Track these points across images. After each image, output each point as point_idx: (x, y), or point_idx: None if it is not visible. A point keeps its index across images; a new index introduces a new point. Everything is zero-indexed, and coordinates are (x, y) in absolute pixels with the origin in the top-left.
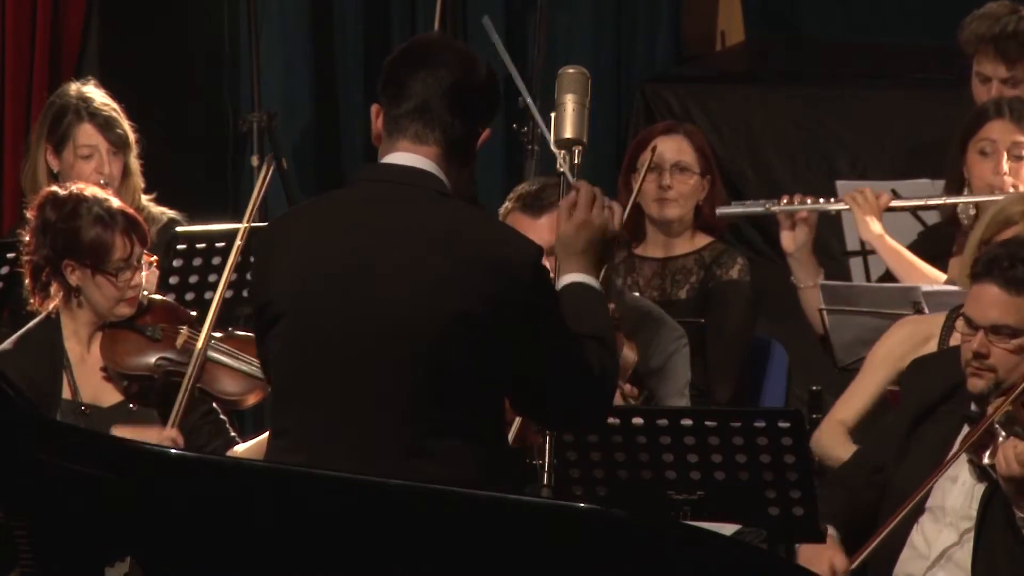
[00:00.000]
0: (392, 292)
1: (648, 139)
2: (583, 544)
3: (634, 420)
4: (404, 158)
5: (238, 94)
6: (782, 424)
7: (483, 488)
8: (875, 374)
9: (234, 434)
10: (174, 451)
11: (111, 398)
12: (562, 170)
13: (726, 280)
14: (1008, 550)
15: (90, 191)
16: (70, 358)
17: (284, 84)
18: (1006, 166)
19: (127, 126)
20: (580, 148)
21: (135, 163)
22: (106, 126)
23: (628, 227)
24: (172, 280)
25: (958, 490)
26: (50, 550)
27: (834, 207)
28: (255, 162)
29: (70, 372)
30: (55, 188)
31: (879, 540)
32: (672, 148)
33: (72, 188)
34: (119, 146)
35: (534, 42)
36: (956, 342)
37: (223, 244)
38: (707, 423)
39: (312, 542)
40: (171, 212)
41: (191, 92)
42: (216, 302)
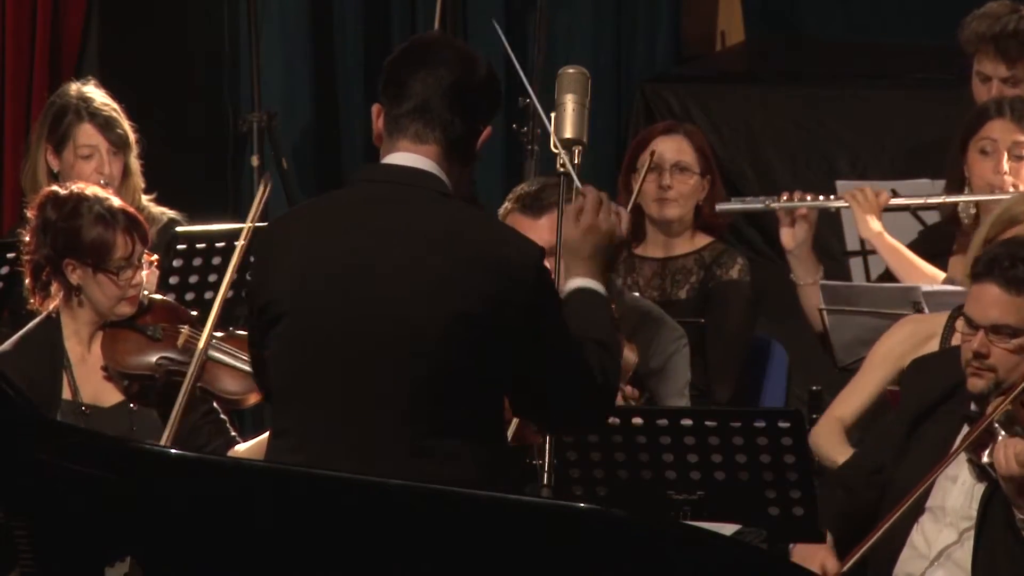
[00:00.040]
0: (392, 292)
1: (648, 139)
2: (583, 544)
3: (634, 420)
4: (404, 158)
5: (238, 94)
6: (782, 424)
7: (483, 488)
8: (875, 372)
9: (234, 434)
10: (174, 451)
11: (111, 398)
12: (562, 170)
13: (726, 280)
14: (1008, 550)
15: (91, 190)
16: (70, 358)
17: (284, 84)
18: (1006, 165)
19: (127, 126)
20: (580, 148)
21: (135, 163)
22: (106, 126)
23: (628, 227)
24: (172, 280)
25: (958, 490)
26: (50, 550)
27: (834, 204)
28: (255, 162)
29: (70, 372)
30: (55, 188)
31: (874, 540)
32: (672, 148)
33: (73, 188)
34: (119, 146)
35: (534, 42)
36: (958, 342)
37: (223, 244)
38: (707, 423)
39: (312, 542)
40: (171, 212)
41: (191, 92)
42: (219, 300)
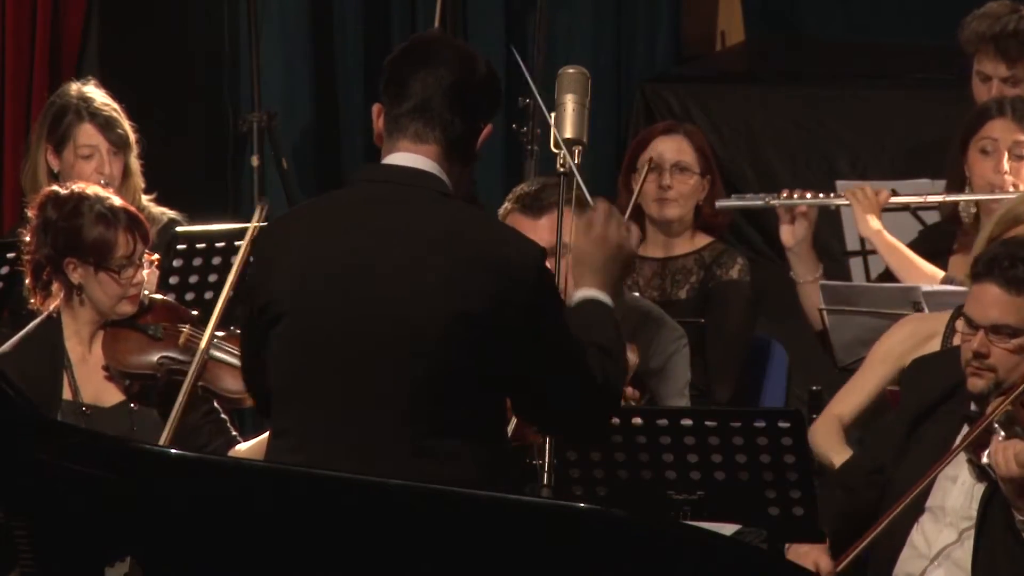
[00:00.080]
0: (393, 292)
1: (648, 139)
2: (583, 544)
3: (634, 420)
4: (405, 158)
5: (238, 94)
6: (782, 424)
7: (483, 488)
8: (875, 371)
9: (235, 433)
10: (174, 451)
11: (112, 398)
12: (562, 170)
13: (726, 280)
14: (1008, 550)
15: (91, 190)
16: (71, 358)
17: (284, 84)
18: (1007, 165)
19: (127, 126)
20: (580, 148)
21: (135, 163)
22: (107, 126)
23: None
24: (172, 280)
25: (958, 490)
26: (50, 550)
27: (834, 202)
28: (255, 162)
29: (71, 372)
30: (56, 187)
31: (869, 539)
32: (672, 148)
33: (73, 187)
34: (119, 146)
35: (534, 42)
36: (959, 342)
37: (223, 244)
38: (707, 423)
39: (312, 542)
40: (171, 212)
41: (191, 92)
42: (223, 299)
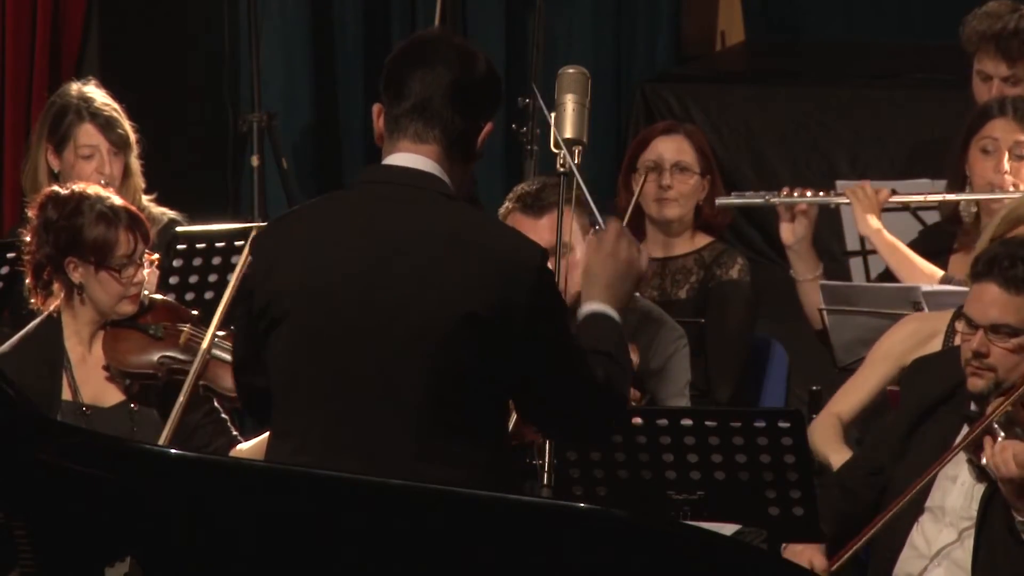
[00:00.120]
0: (398, 294)
1: (648, 139)
2: (583, 544)
3: (634, 420)
4: (405, 159)
5: (238, 94)
6: (782, 424)
7: (484, 489)
8: (875, 370)
9: (236, 433)
10: (174, 451)
11: (112, 398)
12: (562, 170)
13: (726, 280)
14: (1008, 550)
15: (92, 189)
16: (71, 358)
17: (284, 84)
18: (1007, 165)
19: (128, 126)
20: (580, 148)
21: (136, 163)
22: (107, 126)
23: (628, 227)
24: (172, 280)
25: (958, 490)
26: (50, 550)
27: (834, 200)
28: (255, 162)
29: (70, 372)
30: (56, 188)
31: (866, 539)
32: (672, 148)
33: (73, 187)
34: (120, 146)
35: (534, 42)
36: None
37: (223, 244)
38: (707, 423)
39: (313, 542)
40: (171, 212)
41: (191, 92)
42: (226, 299)
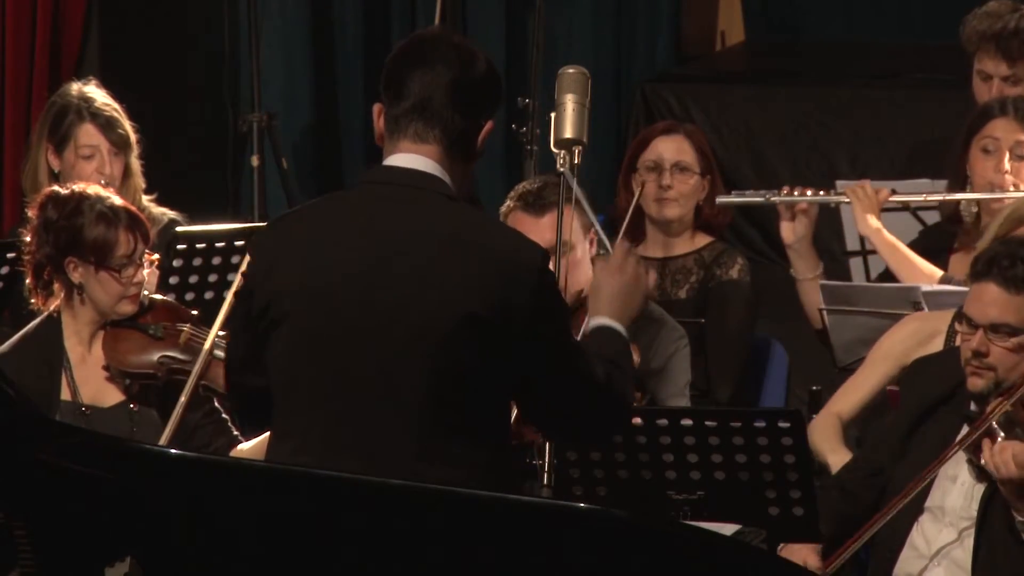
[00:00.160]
0: (400, 294)
1: (648, 139)
2: (583, 544)
3: (634, 420)
4: (406, 159)
5: (238, 94)
6: (782, 424)
7: (486, 490)
8: (876, 369)
9: (236, 433)
10: (174, 451)
11: (111, 398)
12: (562, 170)
13: (726, 280)
14: (1008, 550)
15: (92, 189)
16: (70, 358)
17: (284, 84)
18: (1007, 164)
19: (128, 126)
20: (580, 148)
21: (136, 163)
22: (107, 126)
23: (628, 227)
24: (172, 280)
25: (957, 490)
26: (50, 550)
27: (834, 199)
28: (255, 162)
29: (70, 372)
30: (56, 187)
31: (863, 540)
32: (672, 148)
33: (73, 187)
34: (120, 146)
35: (534, 42)
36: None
37: (223, 244)
38: (707, 423)
39: (313, 542)
40: (171, 213)
41: (191, 92)
42: (229, 299)
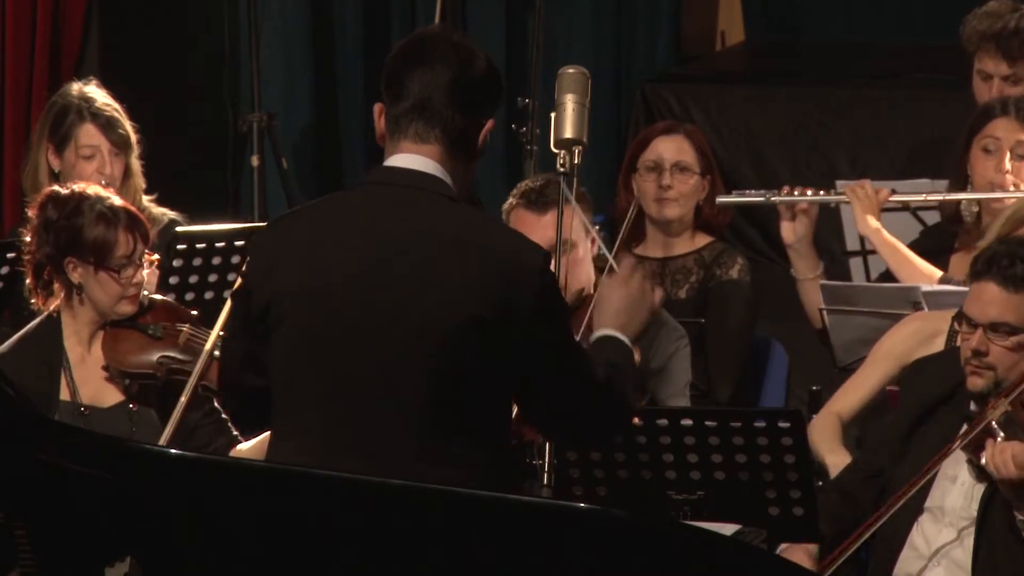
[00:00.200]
0: (399, 295)
1: (648, 139)
2: (583, 544)
3: (634, 420)
4: (407, 160)
5: (238, 94)
6: (782, 424)
7: (486, 490)
8: (877, 368)
9: (236, 433)
10: (174, 451)
11: (111, 398)
12: (562, 170)
13: (726, 280)
14: (1008, 550)
15: (92, 189)
16: (70, 358)
17: (284, 84)
18: (1008, 164)
19: (129, 126)
20: (580, 148)
21: (136, 164)
22: (108, 126)
23: (628, 228)
24: (172, 280)
25: (957, 490)
26: (50, 550)
27: (834, 199)
28: (255, 162)
29: (69, 373)
30: (56, 187)
31: (860, 542)
32: (672, 148)
33: (73, 187)
34: (121, 146)
35: (534, 42)
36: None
37: (223, 244)
38: (707, 423)
39: (313, 542)
40: (172, 213)
41: (191, 92)
42: (230, 299)
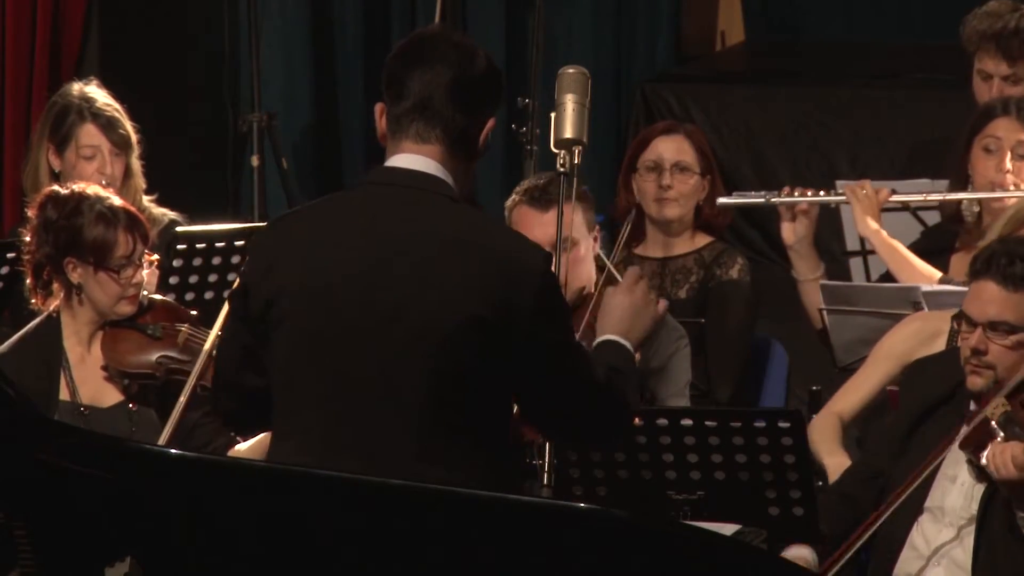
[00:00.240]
0: (399, 295)
1: (648, 139)
2: (583, 544)
3: (634, 420)
4: (408, 160)
5: (238, 94)
6: (782, 424)
7: (486, 490)
8: (877, 368)
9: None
10: (174, 451)
11: (110, 398)
12: (562, 170)
13: (726, 280)
14: (1008, 549)
15: (91, 189)
16: (69, 358)
17: (284, 84)
18: (1009, 164)
19: (129, 127)
20: (580, 148)
21: (137, 164)
22: (109, 127)
23: (625, 235)
24: (172, 280)
25: (957, 490)
26: (50, 550)
27: (834, 199)
28: (255, 162)
29: (68, 373)
30: (56, 187)
31: (863, 540)
32: (672, 148)
33: (73, 187)
34: (121, 147)
35: (534, 42)
36: None
37: (223, 244)
38: (707, 423)
39: (312, 542)
40: (172, 214)
41: (191, 92)
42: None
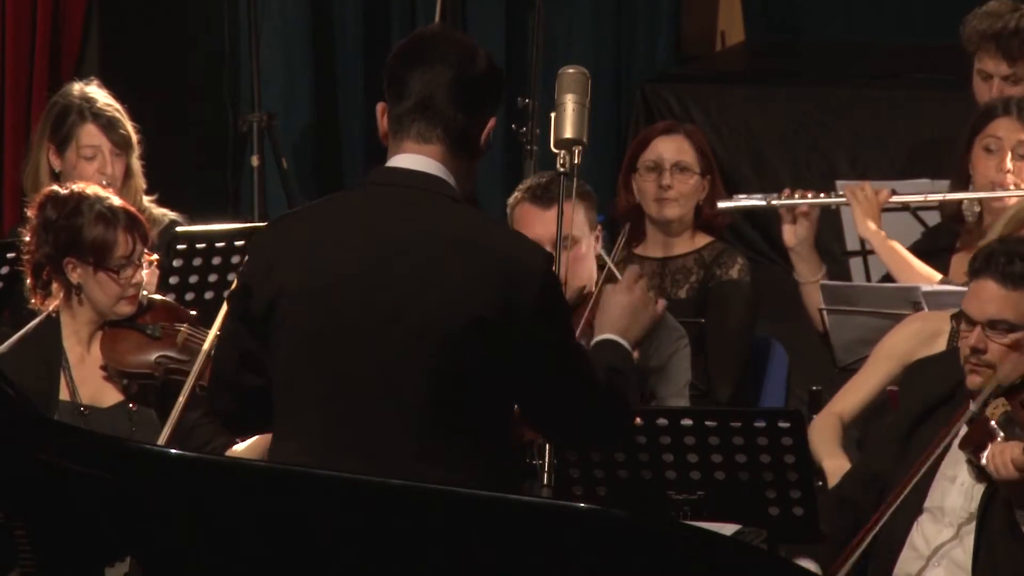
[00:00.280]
0: (399, 295)
1: (648, 139)
2: (583, 544)
3: (634, 420)
4: (409, 160)
5: (238, 94)
6: (782, 424)
7: (486, 490)
8: (878, 368)
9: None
10: (174, 451)
11: (110, 398)
12: (562, 170)
13: (726, 280)
14: (1008, 549)
15: (91, 189)
16: (69, 358)
17: (284, 84)
18: (1009, 164)
19: (130, 127)
20: (580, 148)
21: (137, 164)
22: (109, 127)
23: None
24: (172, 280)
25: (957, 490)
26: (50, 550)
27: (834, 201)
28: (255, 162)
29: (68, 373)
30: (56, 187)
31: (865, 542)
32: (672, 148)
33: (73, 187)
34: (122, 147)
35: (534, 42)
36: None
37: (223, 244)
38: (707, 423)
39: (312, 542)
40: (172, 214)
41: (191, 92)
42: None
